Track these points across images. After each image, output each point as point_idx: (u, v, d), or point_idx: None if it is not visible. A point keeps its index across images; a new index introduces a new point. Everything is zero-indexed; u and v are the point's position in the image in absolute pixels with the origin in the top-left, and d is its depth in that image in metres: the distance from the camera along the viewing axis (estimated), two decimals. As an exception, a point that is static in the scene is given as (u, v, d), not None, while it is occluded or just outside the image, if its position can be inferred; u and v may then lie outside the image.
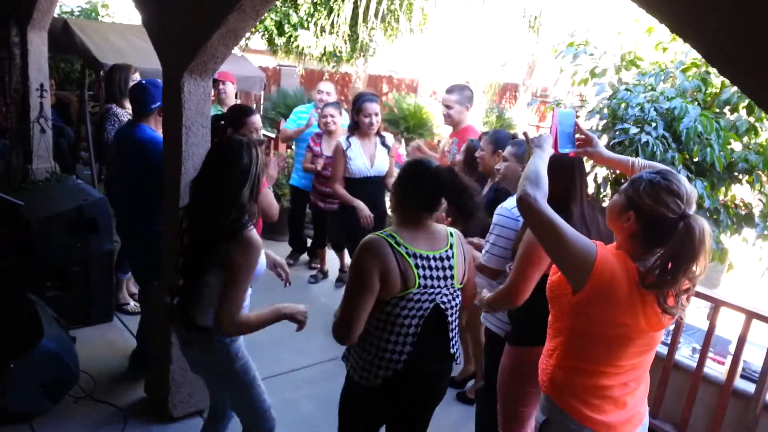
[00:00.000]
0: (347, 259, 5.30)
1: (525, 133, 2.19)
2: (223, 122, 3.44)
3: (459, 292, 2.25)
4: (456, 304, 2.24)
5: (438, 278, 2.14)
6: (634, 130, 2.63)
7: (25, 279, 3.83)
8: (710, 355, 3.49)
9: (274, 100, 11.17)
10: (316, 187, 5.10)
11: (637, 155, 2.58)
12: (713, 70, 3.01)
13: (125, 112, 4.32)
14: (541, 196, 1.83)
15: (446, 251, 2.17)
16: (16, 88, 5.56)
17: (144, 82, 3.60)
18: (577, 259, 1.77)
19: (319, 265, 5.67)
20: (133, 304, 4.52)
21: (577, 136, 2.18)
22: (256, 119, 3.36)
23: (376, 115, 4.30)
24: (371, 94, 4.49)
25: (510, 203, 2.63)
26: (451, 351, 2.26)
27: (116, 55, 6.29)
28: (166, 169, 3.16)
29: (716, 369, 3.52)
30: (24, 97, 5.57)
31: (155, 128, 3.47)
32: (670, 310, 1.78)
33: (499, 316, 2.73)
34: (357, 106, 4.31)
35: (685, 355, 3.66)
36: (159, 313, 3.21)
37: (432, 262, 2.13)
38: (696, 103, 2.91)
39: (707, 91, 3.05)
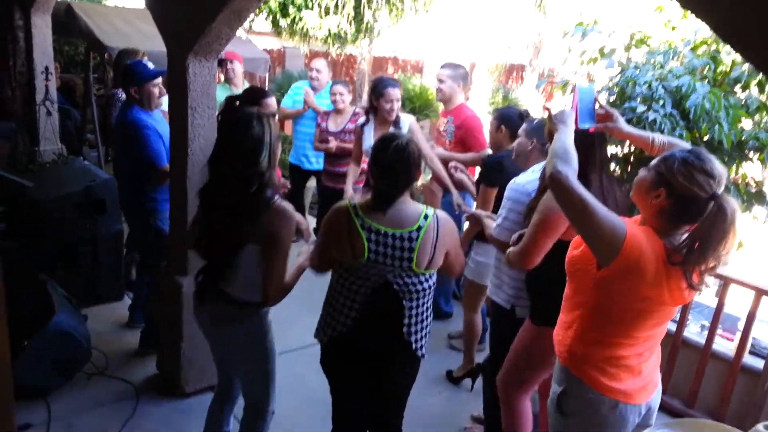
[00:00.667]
0: None
1: (548, 109, 2.17)
2: (238, 102, 3.43)
3: (426, 279, 2.21)
4: (418, 290, 2.20)
5: (392, 257, 2.13)
6: (641, 107, 2.61)
7: (35, 259, 3.86)
8: (719, 332, 3.50)
9: (279, 82, 11.17)
10: (328, 168, 5.01)
11: (645, 133, 2.58)
12: (723, 48, 2.99)
13: None
14: (572, 172, 1.82)
15: (410, 232, 2.14)
16: (21, 72, 5.56)
17: (129, 62, 3.66)
18: (607, 237, 1.77)
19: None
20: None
21: (597, 111, 2.18)
22: (272, 101, 3.37)
23: (398, 101, 4.14)
24: (392, 79, 4.34)
25: (523, 178, 2.64)
26: (406, 337, 2.22)
27: (120, 38, 6.29)
28: (173, 151, 3.18)
29: (725, 346, 3.53)
30: (29, 80, 5.57)
31: (146, 107, 3.53)
32: (697, 287, 1.81)
33: (506, 289, 2.75)
34: (378, 91, 4.13)
35: (694, 332, 3.67)
36: (168, 292, 3.24)
37: (389, 240, 2.13)
38: (706, 81, 2.89)
39: (717, 70, 3.02)
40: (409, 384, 2.42)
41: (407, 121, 4.16)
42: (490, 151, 4.08)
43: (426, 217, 2.18)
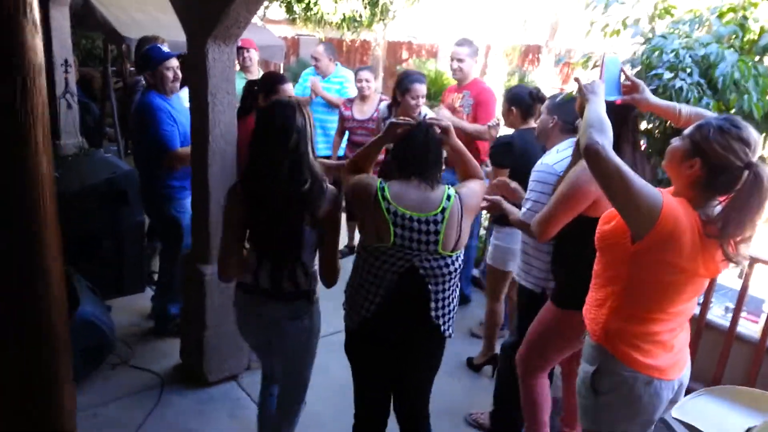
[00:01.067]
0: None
1: (577, 79, 2.12)
2: (256, 88, 3.45)
3: (452, 261, 2.17)
4: (445, 273, 2.16)
5: (418, 241, 2.10)
6: (668, 75, 2.54)
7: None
8: (743, 314, 3.42)
9: (294, 71, 11.12)
10: (349, 156, 4.95)
11: (671, 102, 2.52)
12: (751, 15, 2.89)
13: None
14: (608, 143, 1.77)
15: (435, 215, 2.11)
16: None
17: (146, 48, 3.68)
18: (643, 208, 1.73)
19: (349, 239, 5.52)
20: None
21: (623, 82, 2.15)
22: (289, 87, 3.38)
23: (423, 97, 4.04)
24: (419, 73, 4.25)
25: (550, 159, 2.60)
26: (434, 321, 2.19)
27: (138, 28, 6.31)
28: (194, 138, 3.17)
29: (750, 328, 3.46)
30: (49, 73, 5.59)
31: (162, 92, 3.52)
32: (735, 258, 1.77)
33: (536, 273, 2.72)
34: (404, 86, 4.02)
35: (718, 314, 3.60)
36: (191, 281, 3.25)
37: (414, 224, 2.10)
38: (732, 49, 2.80)
39: (745, 38, 2.92)
40: (436, 367, 2.39)
41: (425, 111, 4.11)
42: (493, 123, 4.06)
43: (449, 197, 2.15)
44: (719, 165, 1.72)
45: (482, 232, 4.88)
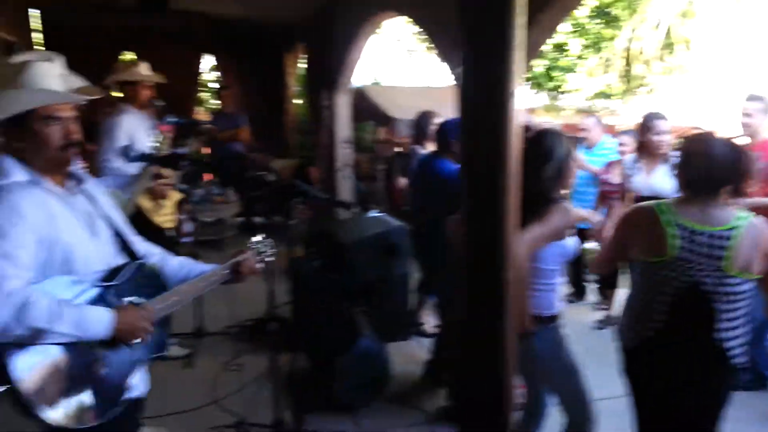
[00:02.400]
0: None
1: None
2: None
3: (740, 282, 2.01)
4: (732, 293, 2.02)
5: (702, 255, 2.01)
6: None
7: (341, 294, 4.31)
8: None
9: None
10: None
11: None
12: None
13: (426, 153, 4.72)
14: None
15: (724, 231, 2.00)
16: (326, 144, 6.56)
17: (446, 120, 3.97)
18: None
19: (606, 307, 5.26)
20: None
21: None
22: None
23: (666, 134, 4.14)
24: (660, 113, 4.34)
25: None
26: (718, 343, 2.01)
27: (400, 111, 7.18)
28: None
29: None
30: (331, 151, 6.53)
31: (455, 160, 3.71)
32: None
33: None
34: (645, 125, 4.24)
35: None
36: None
37: (698, 237, 2.02)
38: None
39: None
40: (717, 395, 2.14)
41: None
42: None
43: (740, 218, 2.04)
44: None
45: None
